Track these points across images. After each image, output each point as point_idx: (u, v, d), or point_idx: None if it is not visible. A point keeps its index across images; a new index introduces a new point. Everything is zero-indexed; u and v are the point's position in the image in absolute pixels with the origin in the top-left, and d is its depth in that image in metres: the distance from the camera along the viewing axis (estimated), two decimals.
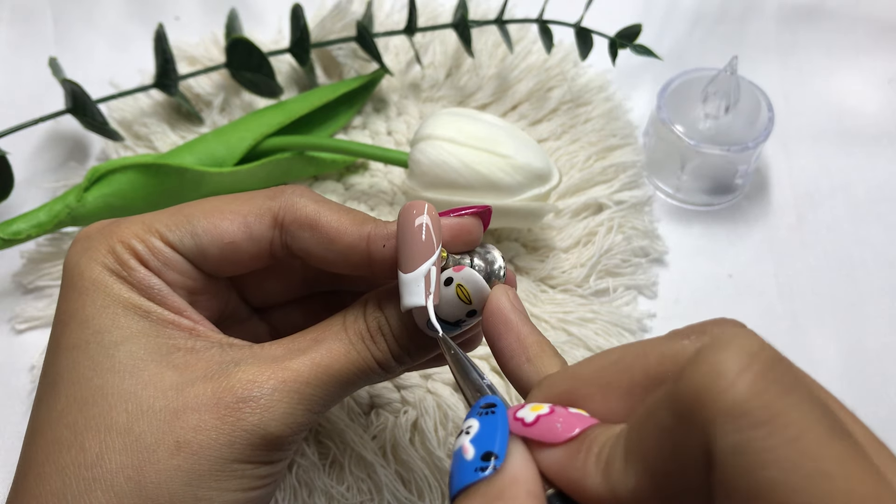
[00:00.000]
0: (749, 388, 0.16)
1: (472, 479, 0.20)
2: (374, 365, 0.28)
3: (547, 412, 0.21)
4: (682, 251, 0.48)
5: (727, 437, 0.16)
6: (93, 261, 0.27)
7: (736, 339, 0.17)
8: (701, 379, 0.16)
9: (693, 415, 0.16)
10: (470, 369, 0.25)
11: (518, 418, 0.21)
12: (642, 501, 0.19)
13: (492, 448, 0.20)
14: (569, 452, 0.20)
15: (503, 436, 0.21)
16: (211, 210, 0.29)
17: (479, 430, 0.21)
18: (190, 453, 0.25)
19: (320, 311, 0.35)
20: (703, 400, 0.16)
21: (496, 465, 0.20)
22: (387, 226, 0.28)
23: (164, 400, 0.26)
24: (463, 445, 0.21)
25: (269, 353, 0.27)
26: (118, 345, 0.26)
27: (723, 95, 0.47)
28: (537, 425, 0.21)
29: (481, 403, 0.22)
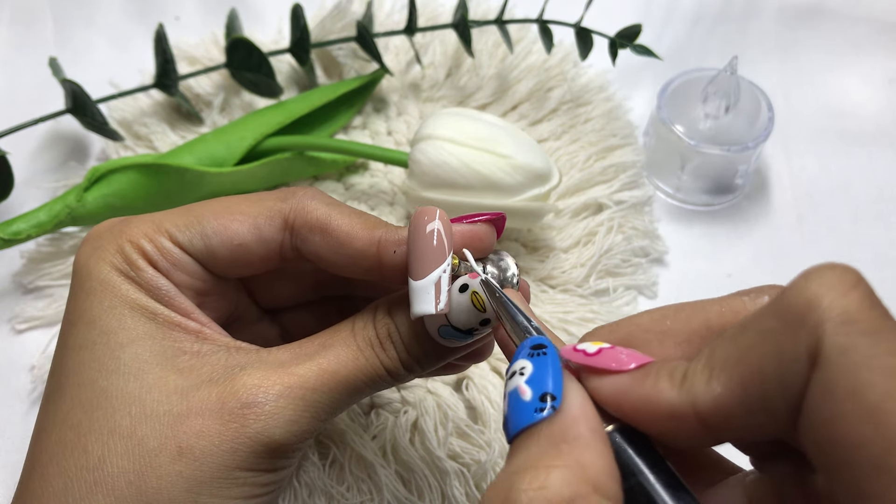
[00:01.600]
0: (859, 301, 0.18)
1: (532, 420, 0.20)
2: (383, 372, 0.27)
3: (608, 347, 0.22)
4: (682, 251, 0.48)
5: (836, 338, 0.17)
6: (101, 260, 0.27)
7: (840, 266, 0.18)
8: (814, 289, 0.18)
9: (805, 318, 0.18)
10: (516, 311, 0.24)
11: (579, 350, 0.22)
12: (726, 410, 0.19)
13: (548, 388, 0.20)
14: (636, 378, 0.21)
15: (558, 375, 0.21)
16: (221, 211, 0.28)
17: (534, 370, 0.21)
18: (192, 459, 0.25)
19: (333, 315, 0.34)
20: (816, 306, 0.18)
21: (555, 406, 0.20)
22: (398, 231, 0.27)
23: (167, 404, 0.25)
24: (519, 386, 0.21)
25: (276, 357, 0.27)
26: (124, 347, 0.26)
27: (723, 95, 0.47)
28: (600, 356, 0.21)
29: (531, 344, 0.22)
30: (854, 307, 0.17)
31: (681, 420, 0.20)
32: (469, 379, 0.41)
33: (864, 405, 0.16)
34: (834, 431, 0.17)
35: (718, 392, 0.19)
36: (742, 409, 0.19)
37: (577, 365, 0.21)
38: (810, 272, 0.18)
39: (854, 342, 0.17)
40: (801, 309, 0.18)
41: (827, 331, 0.17)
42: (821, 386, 0.17)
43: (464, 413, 0.40)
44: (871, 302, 0.18)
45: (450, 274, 0.26)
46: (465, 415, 0.40)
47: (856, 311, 0.17)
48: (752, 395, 0.18)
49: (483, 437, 0.39)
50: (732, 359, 0.19)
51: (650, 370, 0.21)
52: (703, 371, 0.19)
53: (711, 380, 0.19)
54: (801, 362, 0.18)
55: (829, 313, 0.17)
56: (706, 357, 0.20)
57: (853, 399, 0.17)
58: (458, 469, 0.38)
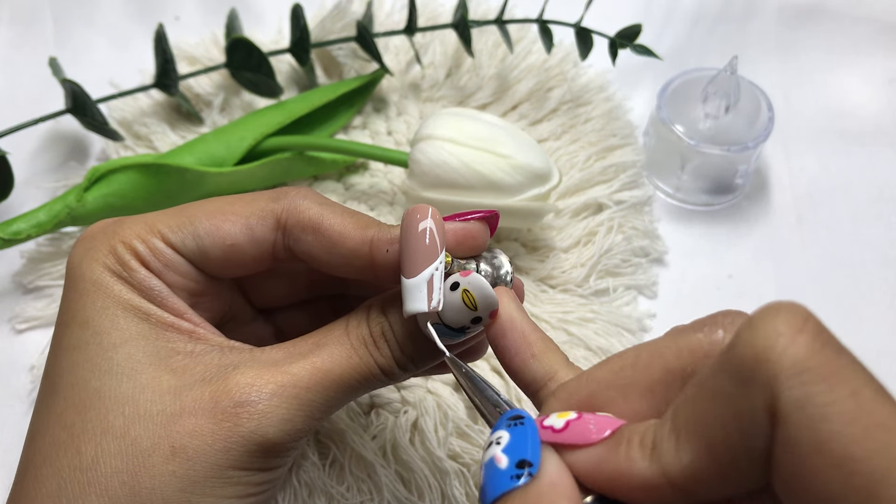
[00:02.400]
0: (808, 347, 0.17)
1: (508, 487, 0.20)
2: (377, 371, 0.27)
3: (575, 417, 0.21)
4: (682, 251, 0.48)
5: (791, 391, 0.17)
6: (94, 261, 0.27)
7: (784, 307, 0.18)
8: (760, 341, 0.17)
9: (755, 374, 0.17)
10: (485, 386, 0.25)
11: (546, 426, 0.21)
12: (698, 476, 0.19)
13: (525, 456, 0.20)
14: (607, 449, 0.20)
15: (535, 444, 0.21)
16: (213, 211, 0.28)
17: (511, 440, 0.21)
18: (185, 459, 0.25)
19: (327, 314, 0.35)
20: (765, 360, 0.17)
21: (531, 472, 0.20)
22: (390, 230, 0.27)
23: (161, 404, 0.25)
24: (495, 455, 0.21)
25: (270, 356, 0.27)
26: (117, 347, 0.26)
27: (723, 95, 0.47)
28: (569, 430, 0.21)
29: (508, 416, 0.22)
30: (803, 353, 0.17)
31: (656, 491, 0.19)
32: None
33: (830, 459, 0.16)
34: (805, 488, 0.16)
35: (688, 460, 0.19)
36: (713, 473, 0.18)
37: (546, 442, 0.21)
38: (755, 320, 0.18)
39: (809, 392, 0.16)
40: (751, 364, 0.17)
41: (781, 385, 0.17)
42: (785, 444, 0.17)
43: (464, 413, 0.40)
44: (821, 342, 0.17)
45: (442, 272, 0.26)
46: (465, 415, 0.40)
47: (806, 357, 0.17)
48: (721, 459, 0.18)
49: (483, 437, 0.39)
50: (694, 423, 0.19)
51: (621, 439, 0.20)
52: (670, 436, 0.19)
53: (679, 446, 0.19)
54: (760, 422, 0.17)
55: (781, 365, 0.17)
56: (671, 420, 0.20)
57: (819, 454, 0.16)
58: (458, 469, 0.38)
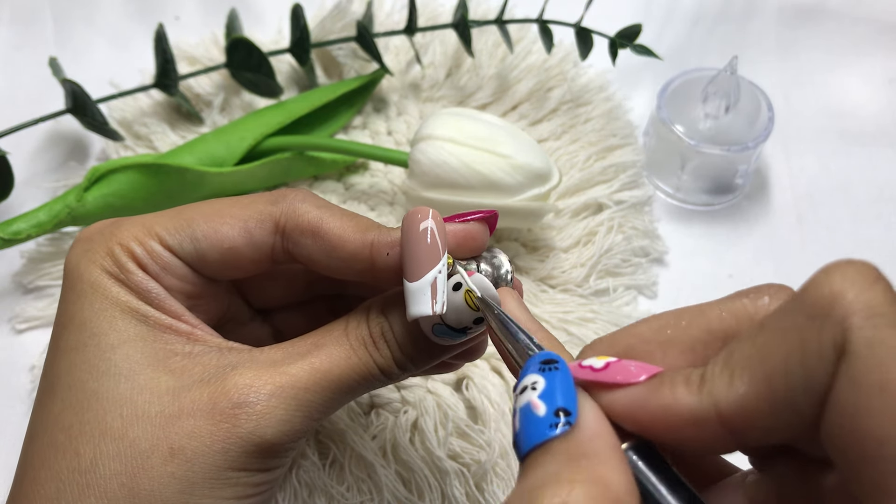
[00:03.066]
0: (883, 294, 0.17)
1: (547, 435, 0.19)
2: (377, 371, 0.27)
3: (615, 360, 0.21)
4: (682, 251, 0.48)
5: (864, 331, 0.17)
6: (92, 263, 0.27)
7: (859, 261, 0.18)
8: (838, 282, 0.18)
9: (829, 312, 0.17)
10: (517, 328, 0.24)
11: (585, 366, 0.21)
12: (750, 409, 0.19)
13: (563, 403, 0.20)
14: (650, 387, 0.20)
15: (572, 390, 0.20)
16: (211, 214, 0.28)
17: (547, 385, 0.20)
18: (184, 460, 0.25)
19: (324, 314, 0.34)
20: (840, 300, 0.17)
21: (570, 421, 0.19)
22: (390, 233, 0.27)
23: (159, 405, 0.25)
24: (531, 401, 0.20)
25: (268, 357, 0.27)
26: (115, 348, 0.26)
27: (723, 95, 0.47)
28: (609, 370, 0.21)
29: (541, 358, 0.21)
30: (879, 300, 0.17)
31: (703, 425, 0.19)
32: (469, 379, 0.41)
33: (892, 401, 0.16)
34: (860, 426, 0.16)
35: (742, 391, 0.19)
36: (767, 407, 0.18)
37: (585, 381, 0.21)
38: (830, 268, 0.18)
39: (882, 335, 0.17)
40: (825, 303, 0.18)
41: (854, 324, 0.17)
42: (848, 380, 0.17)
43: (464, 413, 0.40)
44: (893, 296, 0.17)
45: (445, 274, 0.26)
46: (465, 415, 0.40)
47: (880, 304, 0.17)
48: (778, 393, 0.18)
49: (483, 437, 0.39)
50: (754, 358, 0.19)
51: (664, 379, 0.20)
52: (723, 373, 0.19)
53: (734, 380, 0.19)
54: (826, 357, 0.17)
55: (855, 306, 0.17)
56: (724, 359, 0.19)
57: (881, 394, 0.16)
58: (458, 469, 0.38)
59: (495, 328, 0.25)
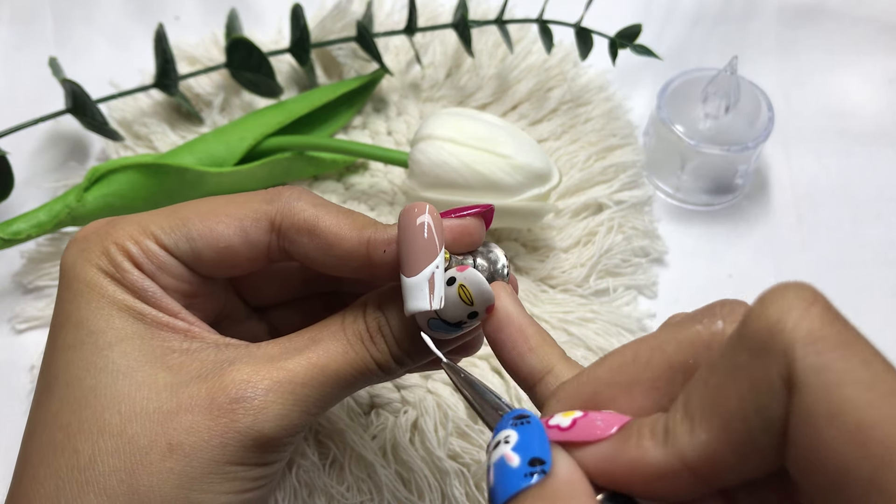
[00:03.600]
0: (821, 318, 0.17)
1: (521, 486, 0.19)
2: (373, 366, 0.27)
3: (581, 415, 0.21)
4: (682, 251, 0.48)
5: (807, 358, 0.17)
6: (87, 262, 0.27)
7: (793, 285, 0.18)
8: (774, 314, 0.18)
9: (771, 345, 0.17)
10: (485, 389, 0.24)
11: (552, 425, 0.21)
12: (715, 456, 0.19)
13: (537, 454, 0.20)
14: (618, 442, 0.20)
15: (545, 442, 0.20)
16: (206, 213, 0.28)
17: (520, 438, 0.20)
18: (182, 455, 0.25)
19: (320, 311, 0.34)
20: (779, 330, 0.17)
21: (545, 470, 0.20)
22: (387, 230, 0.27)
23: (157, 401, 0.25)
24: (505, 454, 0.20)
25: (265, 352, 0.27)
26: (112, 346, 0.26)
27: (723, 95, 0.47)
28: (576, 428, 0.21)
29: (513, 415, 0.21)
30: (817, 324, 0.17)
31: (673, 477, 0.19)
32: None
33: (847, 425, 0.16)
34: (820, 457, 0.16)
35: (704, 439, 0.19)
36: (730, 452, 0.18)
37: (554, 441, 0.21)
38: (766, 297, 0.18)
39: (825, 360, 0.17)
40: (766, 336, 0.18)
41: (797, 353, 0.17)
42: (801, 412, 0.17)
43: (464, 413, 0.40)
44: (832, 316, 0.17)
45: (443, 269, 0.26)
46: (465, 415, 0.40)
47: (819, 327, 0.17)
48: (738, 436, 0.18)
49: (483, 437, 0.39)
50: (709, 403, 0.19)
51: (630, 432, 0.20)
52: (684, 422, 0.19)
53: (694, 429, 0.19)
54: (777, 392, 0.17)
55: (795, 335, 0.17)
56: (682, 407, 0.19)
57: (835, 420, 0.16)
58: (458, 469, 0.38)
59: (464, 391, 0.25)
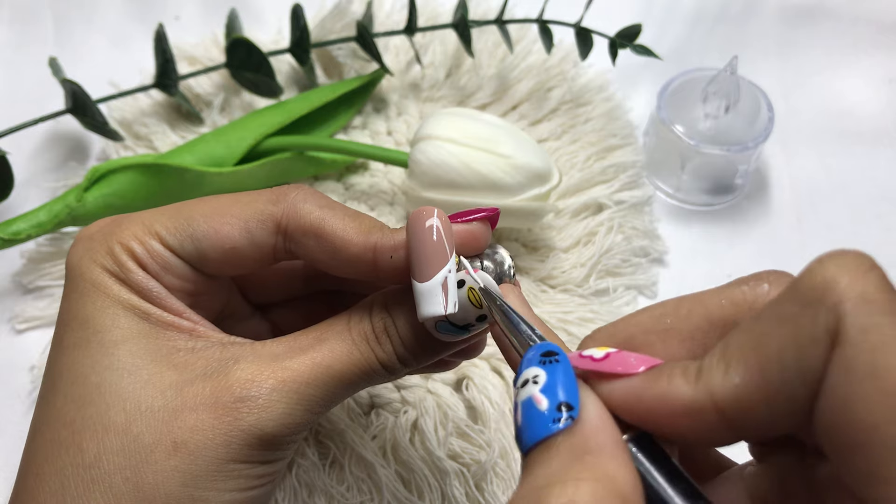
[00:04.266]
0: (876, 283, 0.18)
1: (550, 431, 0.19)
2: (378, 366, 0.27)
3: (615, 351, 0.21)
4: (682, 251, 0.48)
5: (857, 318, 0.17)
6: (92, 262, 0.27)
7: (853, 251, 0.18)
8: (832, 271, 0.18)
9: (823, 298, 0.18)
10: (518, 319, 0.24)
11: (585, 356, 0.21)
12: (745, 398, 0.18)
13: (567, 398, 0.20)
14: (648, 378, 0.20)
15: (573, 384, 0.20)
16: (211, 213, 0.28)
17: (548, 378, 0.20)
18: (187, 454, 0.25)
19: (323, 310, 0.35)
20: (834, 287, 0.18)
21: (573, 416, 0.19)
22: (394, 235, 0.27)
23: (162, 399, 0.25)
24: (533, 395, 0.20)
25: (270, 350, 0.27)
26: (118, 344, 0.26)
27: (723, 95, 0.47)
28: (608, 360, 0.21)
29: (542, 350, 0.21)
30: (872, 288, 0.17)
31: (699, 416, 0.19)
32: (469, 379, 0.41)
33: (884, 386, 0.16)
34: (852, 412, 0.17)
35: (737, 382, 0.18)
36: (762, 397, 0.18)
37: (585, 371, 0.21)
38: (825, 256, 0.18)
39: (874, 322, 0.17)
40: (819, 290, 0.18)
41: (847, 310, 0.17)
42: (841, 366, 0.17)
43: (464, 413, 0.40)
44: (887, 284, 0.18)
45: (455, 274, 0.26)
46: (465, 415, 0.40)
47: (874, 291, 0.17)
48: (772, 382, 0.18)
49: (483, 437, 0.39)
50: (749, 348, 0.19)
51: (662, 370, 0.20)
52: (720, 364, 0.19)
53: (729, 371, 0.19)
54: (820, 343, 0.17)
55: (849, 293, 0.17)
56: (720, 350, 0.19)
57: (873, 379, 0.16)
58: (458, 469, 0.38)
59: (498, 319, 0.25)
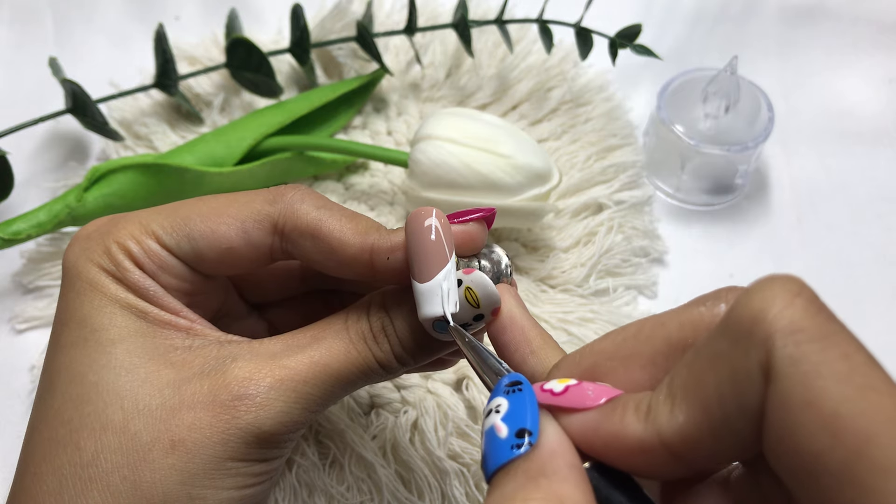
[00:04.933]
0: (804, 310, 0.17)
1: (509, 457, 0.20)
2: (375, 365, 0.27)
3: (575, 384, 0.21)
4: (682, 251, 0.48)
5: (786, 349, 0.17)
6: (89, 261, 0.27)
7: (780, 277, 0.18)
8: (757, 303, 0.18)
9: (752, 333, 0.18)
10: (487, 354, 0.25)
11: (546, 389, 0.21)
12: (691, 437, 0.19)
13: (525, 424, 0.20)
14: (603, 413, 0.20)
15: (534, 411, 0.21)
16: (208, 213, 0.28)
17: (510, 407, 0.21)
18: (184, 452, 0.25)
19: (319, 309, 0.35)
20: (761, 320, 0.18)
21: (531, 442, 0.20)
22: (390, 236, 0.27)
23: (160, 398, 0.25)
24: (495, 424, 0.20)
25: (268, 349, 0.27)
26: (115, 343, 0.26)
27: (723, 95, 0.47)
28: (567, 394, 0.21)
29: (506, 381, 0.22)
30: (799, 315, 0.17)
31: (650, 453, 0.19)
32: (469, 379, 0.41)
33: (820, 415, 0.16)
34: (794, 444, 0.17)
35: (682, 421, 0.19)
36: (707, 433, 0.19)
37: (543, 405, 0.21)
38: (752, 287, 0.18)
39: (803, 351, 0.17)
40: (748, 325, 0.18)
41: (776, 343, 0.17)
42: (777, 400, 0.17)
43: (464, 413, 0.40)
44: (815, 308, 0.18)
45: (454, 274, 0.26)
46: (465, 415, 0.40)
47: (801, 319, 0.17)
48: (715, 420, 0.18)
49: None
50: (690, 385, 0.19)
51: (617, 405, 0.20)
52: (666, 401, 0.19)
53: (674, 409, 0.19)
54: (755, 379, 0.18)
55: (776, 325, 0.17)
56: (667, 386, 0.20)
57: (809, 409, 0.16)
58: (458, 469, 0.38)
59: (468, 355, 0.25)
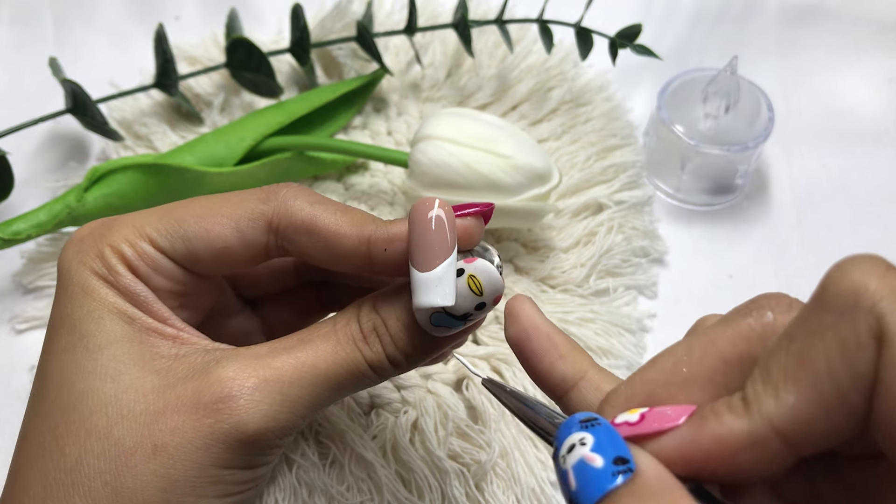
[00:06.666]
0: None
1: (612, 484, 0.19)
2: (365, 367, 0.27)
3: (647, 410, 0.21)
4: (682, 251, 0.48)
5: None
6: (82, 265, 0.27)
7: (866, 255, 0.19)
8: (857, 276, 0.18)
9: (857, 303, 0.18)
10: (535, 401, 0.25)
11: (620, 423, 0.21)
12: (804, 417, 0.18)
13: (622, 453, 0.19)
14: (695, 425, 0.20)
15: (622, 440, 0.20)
16: (202, 213, 0.28)
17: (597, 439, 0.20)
18: (166, 457, 0.24)
19: (313, 303, 0.35)
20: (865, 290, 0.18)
21: (630, 468, 0.19)
22: (387, 228, 0.27)
23: (144, 403, 0.25)
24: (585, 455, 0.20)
25: (253, 352, 0.27)
26: (102, 348, 0.26)
27: (723, 95, 0.47)
28: (646, 420, 0.21)
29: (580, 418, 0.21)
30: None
31: (761, 446, 0.19)
32: (469, 379, 0.41)
33: None
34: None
35: (792, 402, 0.18)
36: (819, 411, 0.18)
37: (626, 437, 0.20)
38: (844, 264, 0.19)
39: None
40: (851, 296, 0.18)
41: (885, 308, 0.17)
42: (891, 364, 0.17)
43: (464, 413, 0.40)
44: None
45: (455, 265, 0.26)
46: (465, 415, 0.40)
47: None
48: (827, 394, 0.18)
49: (483, 437, 0.39)
50: (794, 366, 0.19)
51: (705, 413, 0.20)
52: (766, 389, 0.19)
53: (780, 393, 0.19)
54: (867, 346, 0.17)
55: (881, 293, 0.18)
56: (761, 377, 0.19)
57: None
58: (458, 469, 0.38)
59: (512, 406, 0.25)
